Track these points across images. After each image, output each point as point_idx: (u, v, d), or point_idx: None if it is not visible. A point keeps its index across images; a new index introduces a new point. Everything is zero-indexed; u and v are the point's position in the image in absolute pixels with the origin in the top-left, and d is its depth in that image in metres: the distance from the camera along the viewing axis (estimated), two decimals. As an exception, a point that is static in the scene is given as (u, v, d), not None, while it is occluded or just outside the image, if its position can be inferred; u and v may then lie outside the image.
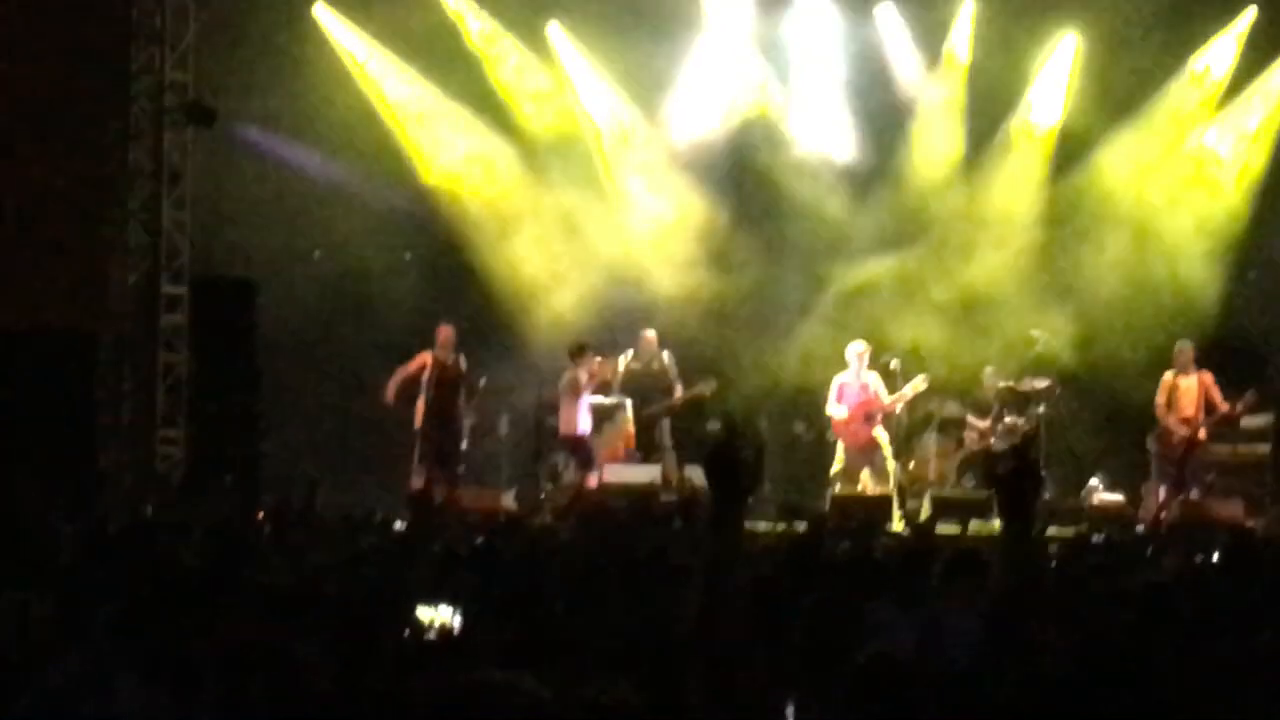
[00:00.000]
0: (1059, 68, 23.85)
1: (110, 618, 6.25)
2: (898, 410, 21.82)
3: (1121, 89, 23.71)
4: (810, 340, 22.94)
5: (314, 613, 7.72)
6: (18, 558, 8.43)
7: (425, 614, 7.68)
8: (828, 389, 21.77)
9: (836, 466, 21.44)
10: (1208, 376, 20.89)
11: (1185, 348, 21.00)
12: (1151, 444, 21.23)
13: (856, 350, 21.36)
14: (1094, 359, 22.49)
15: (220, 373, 21.02)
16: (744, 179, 24.20)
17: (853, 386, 21.32)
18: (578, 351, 21.11)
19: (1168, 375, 20.92)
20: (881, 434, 21.51)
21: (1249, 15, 23.43)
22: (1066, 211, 23.93)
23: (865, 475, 21.41)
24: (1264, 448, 22.01)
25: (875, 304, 22.89)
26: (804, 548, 11.87)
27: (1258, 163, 23.97)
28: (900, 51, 24.35)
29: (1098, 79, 23.61)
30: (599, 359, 21.42)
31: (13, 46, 19.75)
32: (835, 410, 21.38)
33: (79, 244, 20.39)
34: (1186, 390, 20.81)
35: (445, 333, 20.85)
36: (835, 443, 21.66)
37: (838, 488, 21.26)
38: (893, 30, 24.14)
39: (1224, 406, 20.94)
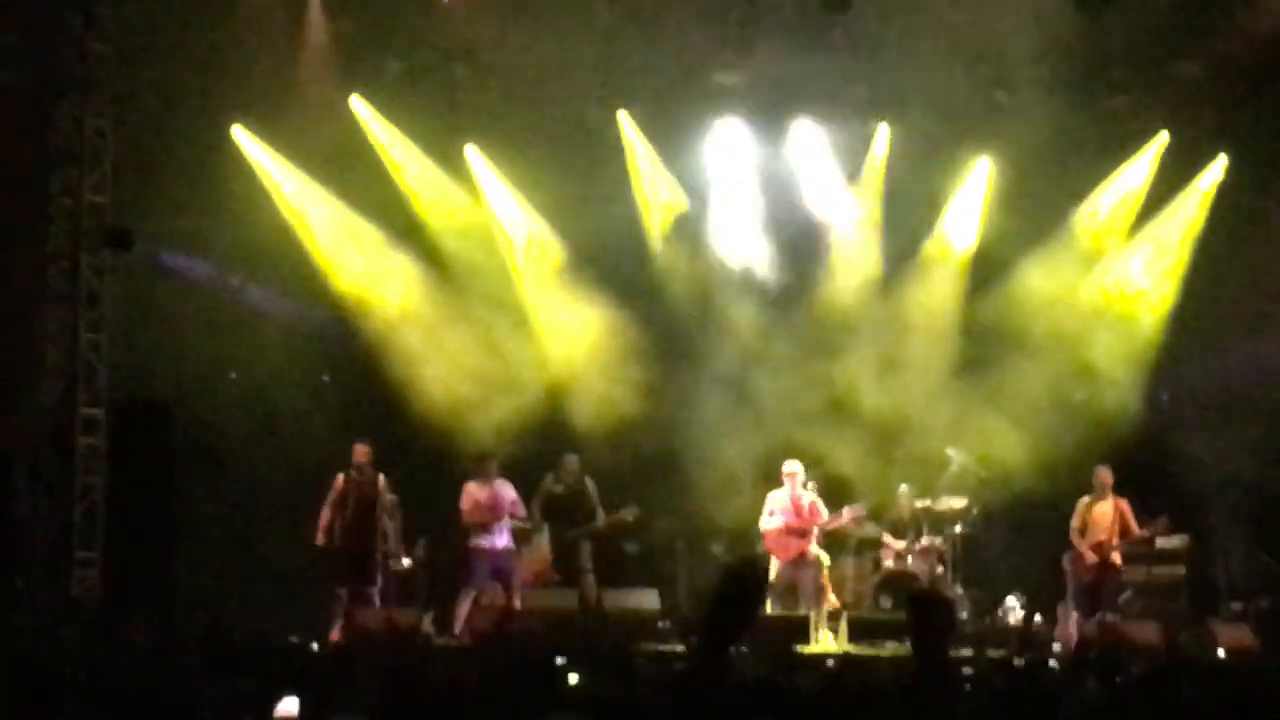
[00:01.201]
0: (974, 191, 24.32)
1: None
2: (828, 527, 21.64)
3: (1036, 214, 24.19)
4: (725, 461, 22.96)
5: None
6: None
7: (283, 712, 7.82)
8: (747, 509, 21.86)
9: (770, 579, 20.99)
10: (1124, 503, 20.95)
11: (1103, 472, 21.08)
12: (1066, 565, 21.14)
13: (790, 469, 21.36)
14: (1011, 479, 22.50)
15: (137, 496, 20.66)
16: (661, 297, 24.32)
17: (785, 503, 21.23)
18: (482, 464, 20.98)
19: (1084, 500, 21.00)
20: (821, 553, 21.40)
21: (1160, 140, 24.08)
22: (983, 333, 24.07)
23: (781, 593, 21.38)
24: (1179, 569, 22.23)
25: (793, 423, 22.80)
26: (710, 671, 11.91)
27: (1171, 286, 24.43)
28: (817, 170, 24.61)
29: (1012, 203, 24.00)
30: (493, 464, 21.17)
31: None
32: (766, 523, 21.25)
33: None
34: (1101, 515, 20.89)
35: (361, 451, 20.62)
36: (768, 557, 21.34)
37: (768, 603, 20.96)
38: (810, 148, 24.41)
39: (1138, 532, 21.10)
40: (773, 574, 21.12)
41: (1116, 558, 21.03)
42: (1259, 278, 24.00)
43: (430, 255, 24.12)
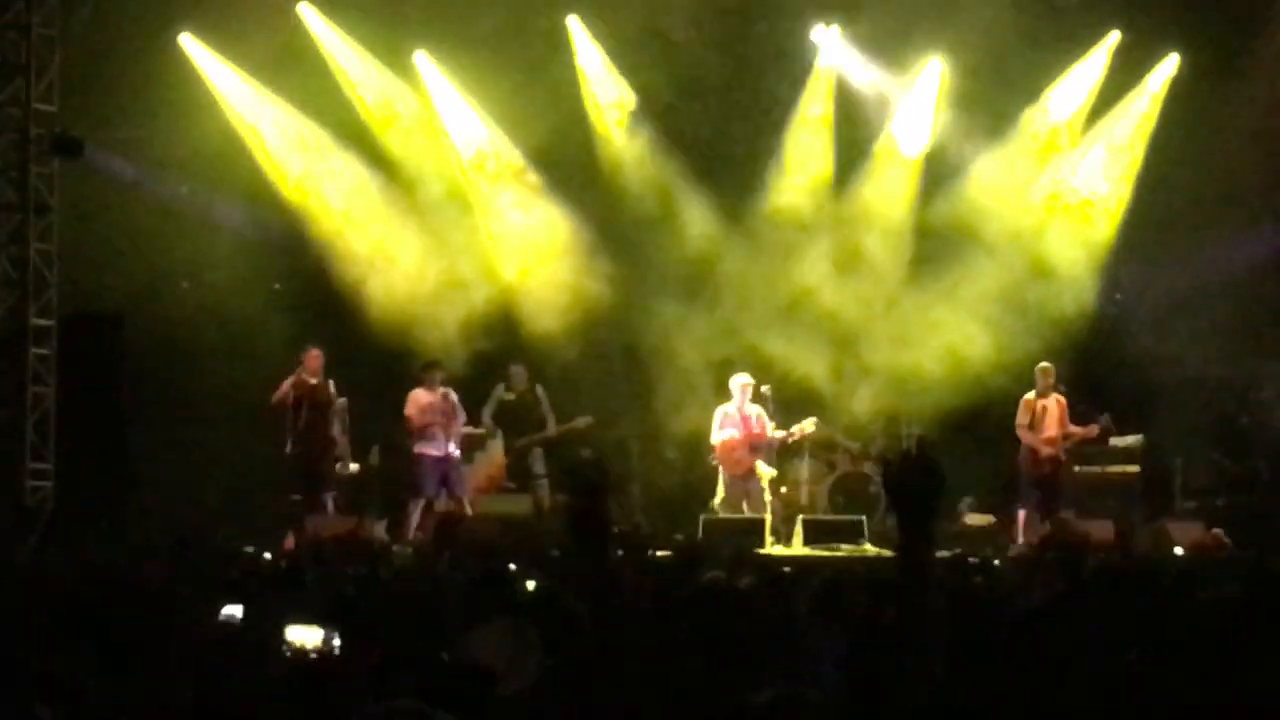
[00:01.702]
0: (926, 91, 24.25)
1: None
2: (777, 444, 21.95)
3: (989, 113, 24.28)
4: (682, 365, 23.11)
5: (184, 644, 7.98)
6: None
7: (297, 636, 7.70)
8: (702, 414, 22.13)
9: (719, 495, 21.63)
10: (1063, 399, 21.55)
11: (1047, 369, 21.52)
12: (1021, 465, 21.53)
13: (740, 382, 21.61)
14: (965, 381, 22.62)
15: (89, 406, 21.06)
16: (613, 198, 24.35)
17: (735, 417, 21.55)
18: (429, 371, 21.48)
19: (1029, 396, 21.44)
20: (763, 467, 21.63)
21: (1112, 38, 24.03)
22: (937, 232, 24.18)
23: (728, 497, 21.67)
24: (1133, 468, 22.63)
25: (748, 326, 23.14)
26: (673, 576, 11.94)
27: (1124, 185, 24.48)
28: (774, 65, 24.74)
29: (965, 103, 24.03)
30: (446, 383, 21.66)
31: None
32: (717, 437, 21.58)
33: None
34: (1048, 411, 21.36)
35: (313, 356, 20.90)
36: (717, 470, 21.80)
37: (715, 508, 21.54)
38: (765, 44, 24.52)
39: (1079, 430, 21.65)
40: (722, 489, 21.56)
41: (1063, 452, 21.50)
42: (1212, 176, 23.73)
43: (380, 160, 24.17)
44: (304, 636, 7.65)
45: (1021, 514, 21.32)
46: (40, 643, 7.51)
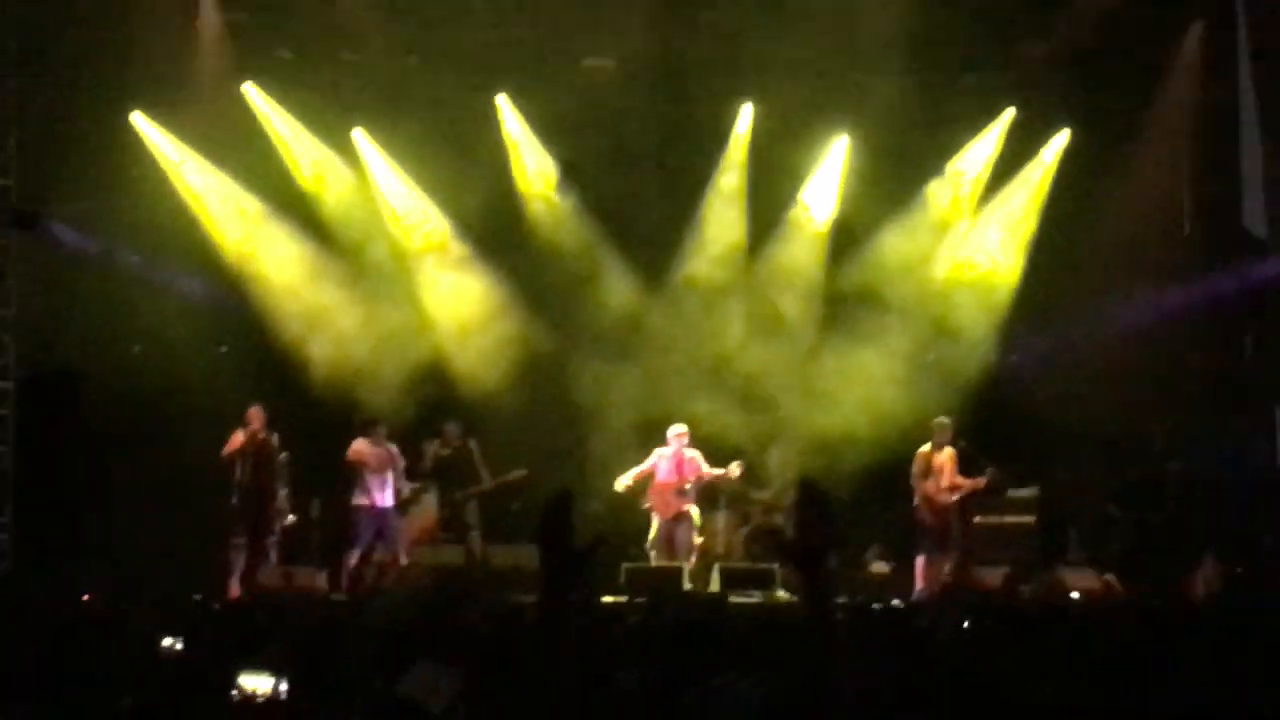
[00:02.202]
0: (835, 158, 24.77)
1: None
2: (709, 478, 22.44)
3: (893, 186, 24.91)
4: (610, 422, 23.64)
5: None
6: None
7: (249, 683, 7.86)
8: (628, 467, 22.48)
9: (651, 535, 22.19)
10: (954, 453, 22.19)
11: (943, 423, 22.21)
12: (918, 514, 22.13)
13: (676, 431, 22.19)
14: (874, 436, 23.05)
15: (46, 464, 21.25)
16: (539, 267, 24.96)
17: (669, 462, 22.11)
18: (367, 427, 22.04)
19: (925, 448, 22.09)
20: (693, 509, 22.21)
21: (1008, 115, 24.78)
22: (845, 301, 24.63)
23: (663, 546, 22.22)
24: (1030, 518, 23.24)
25: (668, 386, 23.75)
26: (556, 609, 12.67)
27: (1019, 253, 25.14)
28: (692, 138, 25.20)
29: (870, 176, 24.64)
30: (387, 437, 22.21)
31: None
32: (647, 471, 22.19)
33: None
34: (943, 462, 22.03)
35: (255, 413, 21.51)
36: (649, 514, 22.34)
37: (652, 556, 22.13)
38: (685, 119, 24.92)
39: (971, 481, 22.13)
40: (653, 530, 22.13)
41: (957, 500, 22.02)
42: (1104, 241, 24.81)
43: (320, 232, 24.68)
44: (254, 683, 7.82)
45: (920, 561, 21.99)
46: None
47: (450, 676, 6.62)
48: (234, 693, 7.74)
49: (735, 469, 22.78)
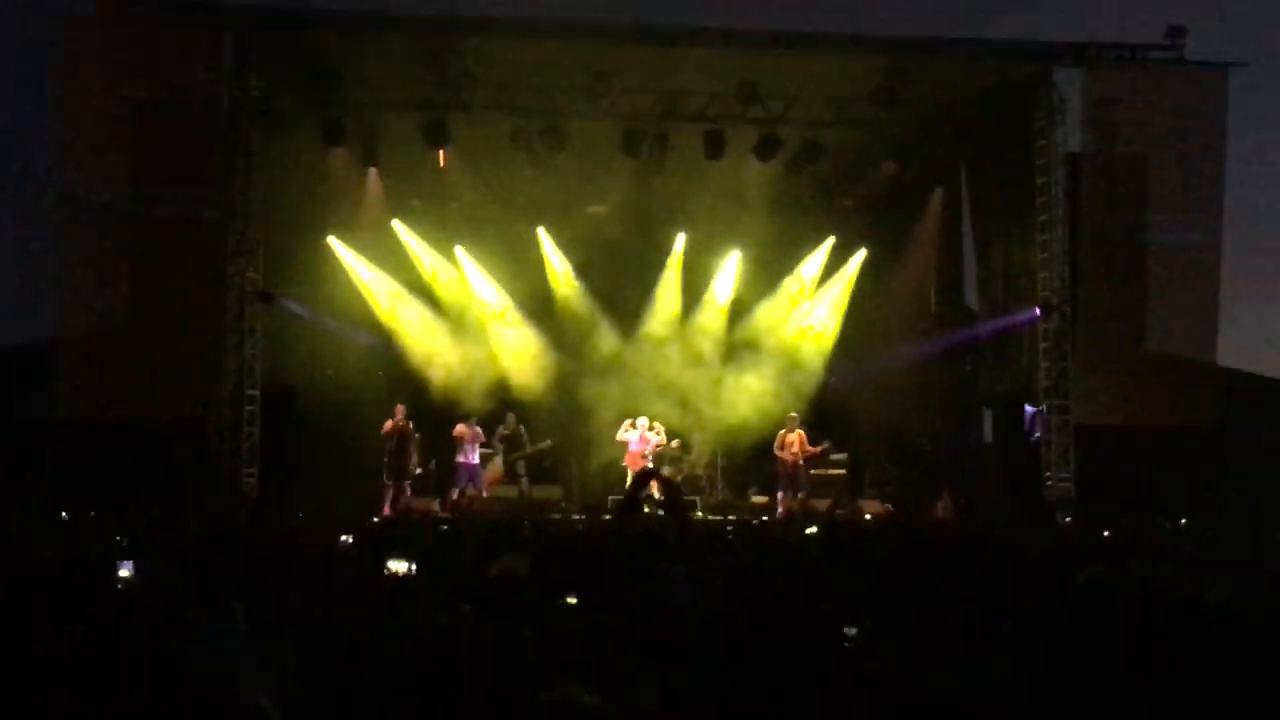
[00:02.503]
0: (730, 265, 26.07)
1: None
2: (658, 449, 23.70)
3: (765, 280, 26.34)
4: (600, 417, 24.68)
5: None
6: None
7: (394, 565, 8.19)
8: (609, 447, 24.05)
9: (628, 483, 22.57)
10: (802, 432, 23.50)
11: (793, 417, 23.79)
12: (779, 467, 23.47)
13: (643, 420, 23.58)
14: (755, 425, 24.65)
15: (276, 439, 21.79)
16: (561, 326, 25.87)
17: (633, 436, 23.48)
18: (465, 417, 23.29)
19: (782, 430, 23.51)
20: (649, 463, 23.03)
21: (830, 241, 26.25)
22: (737, 347, 26.09)
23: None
24: (842, 471, 24.95)
25: (635, 396, 24.78)
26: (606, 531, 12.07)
27: (835, 321, 26.68)
28: (650, 249, 26.07)
29: (753, 275, 26.23)
30: (476, 423, 23.33)
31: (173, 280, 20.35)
32: (622, 438, 23.67)
33: (199, 370, 20.71)
34: (792, 439, 23.43)
35: (399, 409, 22.53)
36: (626, 471, 23.39)
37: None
38: (646, 239, 25.93)
39: (811, 449, 23.56)
40: (628, 480, 22.83)
41: (801, 461, 23.33)
42: (889, 310, 26.50)
43: (435, 306, 25.61)
44: (396, 565, 8.24)
45: (779, 495, 23.35)
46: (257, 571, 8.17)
47: (520, 562, 7.12)
48: (384, 571, 8.15)
49: (675, 444, 24.28)
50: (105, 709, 2.92)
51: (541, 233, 25.53)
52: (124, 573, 7.38)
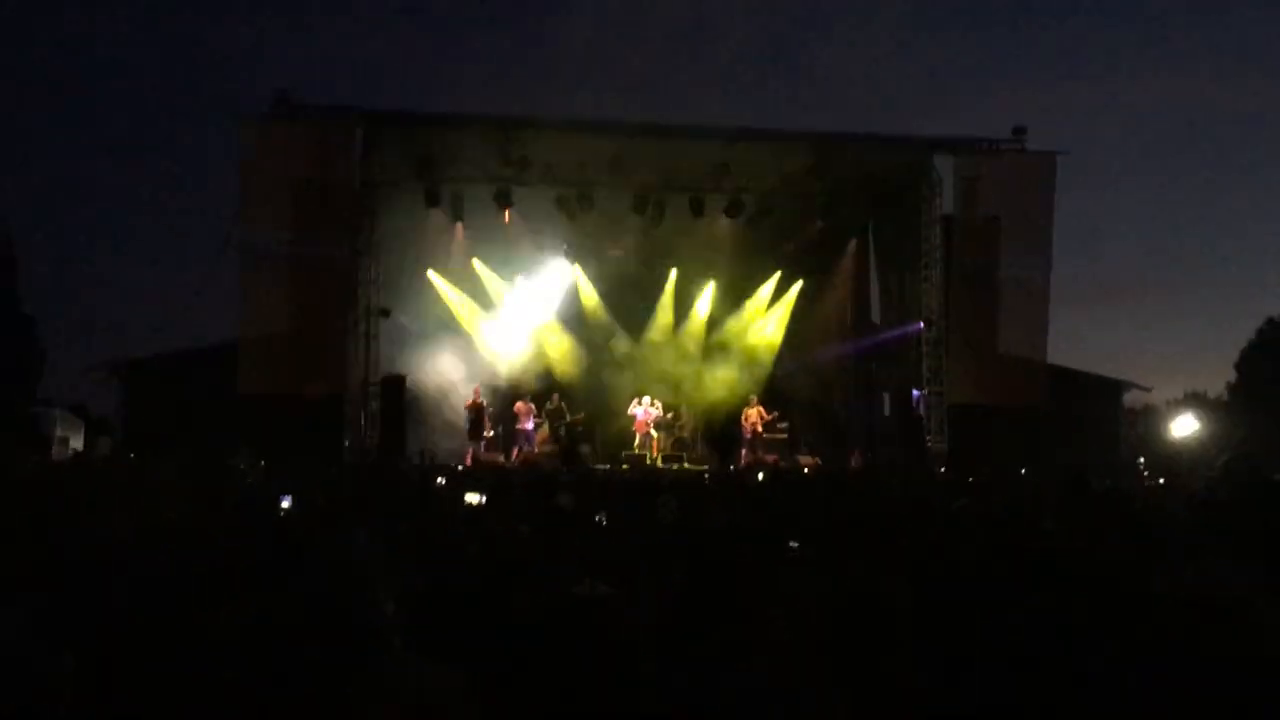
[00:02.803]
0: (708, 292, 25.65)
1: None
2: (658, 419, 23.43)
3: (733, 303, 25.89)
4: (617, 396, 24.25)
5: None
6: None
7: (470, 497, 8.18)
8: (623, 417, 23.70)
9: (636, 442, 23.18)
10: (761, 409, 23.61)
11: (752, 397, 23.89)
12: (743, 432, 23.41)
13: (647, 397, 23.45)
14: (726, 404, 24.51)
15: (391, 412, 21.33)
16: (588, 332, 25.28)
17: (640, 410, 23.27)
18: (522, 396, 23.25)
19: (744, 408, 23.69)
20: (653, 431, 23.29)
21: (777, 274, 25.67)
22: (714, 349, 25.66)
23: (639, 446, 22.94)
24: (784, 435, 24.35)
25: (642, 382, 24.43)
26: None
27: (780, 331, 26.10)
28: (651, 277, 25.33)
29: (724, 299, 25.82)
30: (530, 400, 23.25)
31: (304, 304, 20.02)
32: (633, 411, 23.40)
33: (338, 363, 20.38)
34: (751, 413, 23.51)
35: (476, 389, 22.70)
36: (634, 433, 23.33)
37: (636, 449, 22.93)
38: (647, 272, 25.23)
39: (765, 418, 23.56)
40: (637, 441, 23.15)
41: (760, 428, 23.45)
42: (815, 327, 26.17)
43: (498, 315, 24.78)
44: (472, 497, 8.22)
45: (742, 452, 23.09)
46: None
47: (569, 498, 7.09)
48: (464, 501, 8.12)
49: (669, 416, 23.96)
50: (268, 601, 2.87)
51: (576, 268, 25.13)
52: (285, 504, 7.32)
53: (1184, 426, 26.37)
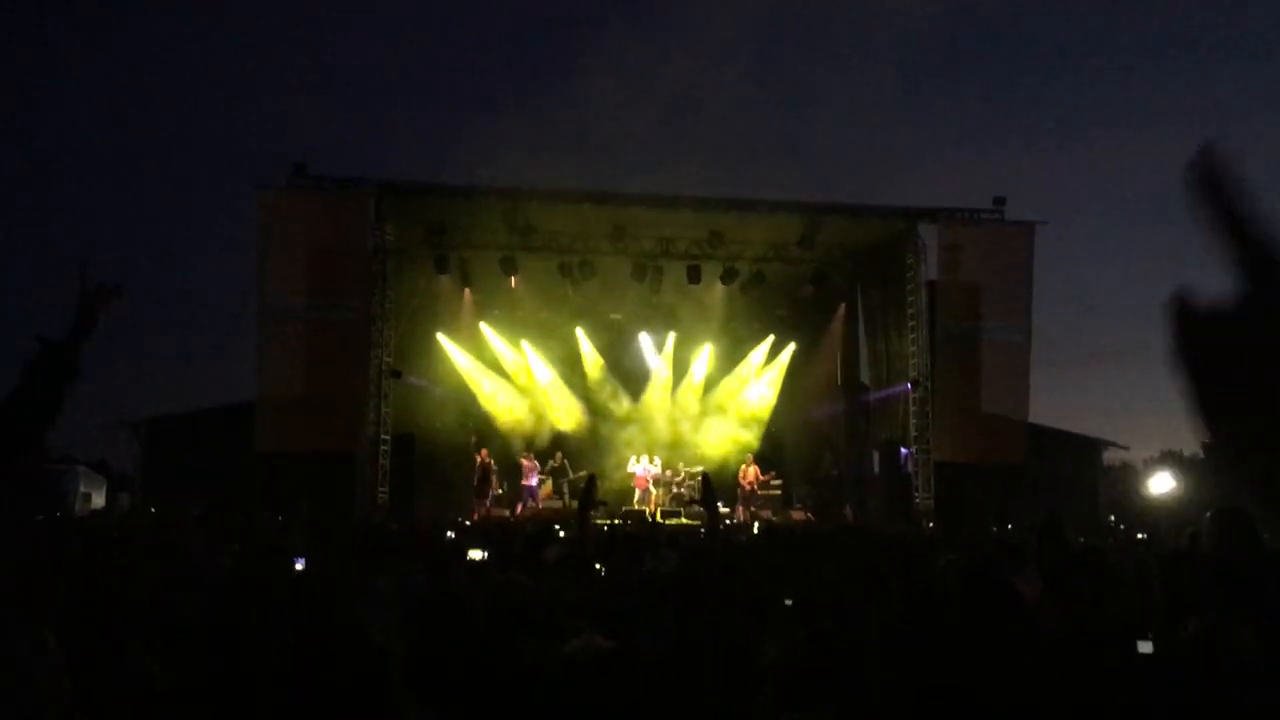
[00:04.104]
0: (704, 355, 25.70)
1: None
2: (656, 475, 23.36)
3: (726, 365, 26.00)
4: (617, 454, 24.44)
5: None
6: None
7: (473, 553, 8.16)
8: (623, 472, 23.59)
9: (636, 498, 23.09)
10: (757, 468, 23.54)
11: (749, 456, 23.82)
12: (741, 489, 23.22)
13: (645, 457, 23.48)
14: (723, 460, 24.26)
15: (401, 468, 21.21)
16: (591, 394, 25.52)
17: (640, 468, 23.29)
18: (526, 453, 23.35)
19: (742, 465, 23.54)
20: (652, 487, 23.21)
21: (769, 339, 25.90)
22: (709, 409, 25.78)
23: (639, 502, 22.85)
24: (778, 491, 24.39)
25: (640, 441, 24.60)
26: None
27: (774, 392, 26.25)
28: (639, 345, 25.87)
29: (719, 360, 25.88)
30: (534, 458, 23.23)
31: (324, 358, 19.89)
32: (632, 469, 23.38)
33: (350, 421, 20.17)
34: (748, 471, 23.39)
35: (484, 450, 22.75)
36: (634, 489, 23.33)
37: (636, 505, 22.69)
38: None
39: (760, 478, 23.49)
40: (636, 496, 23.02)
41: (755, 486, 23.32)
42: (805, 388, 26.26)
43: (509, 380, 25.22)
44: (475, 553, 8.23)
45: (739, 507, 22.85)
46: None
47: (560, 550, 6.75)
48: (467, 557, 8.08)
49: (667, 473, 23.77)
50: (284, 650, 2.88)
51: (579, 332, 25.26)
52: (299, 566, 7.23)
53: (1161, 484, 26.28)
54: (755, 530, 18.28)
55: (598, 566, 6.80)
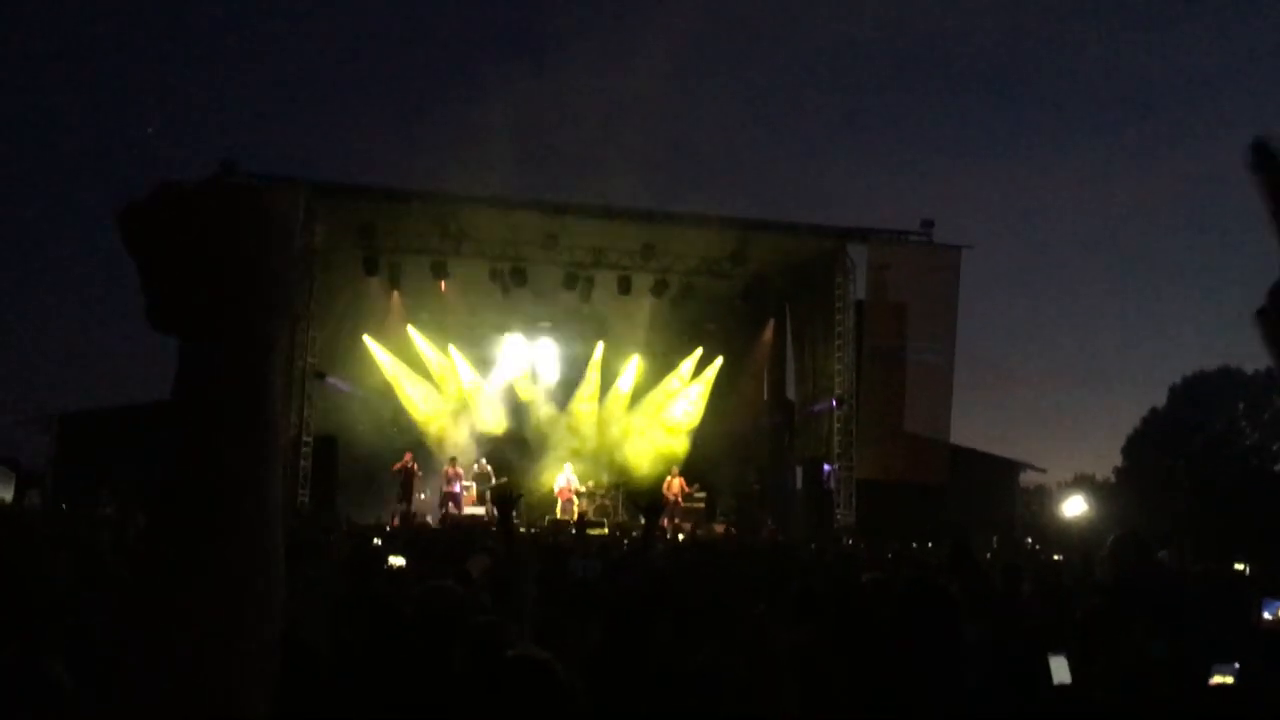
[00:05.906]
0: (632, 366, 25.47)
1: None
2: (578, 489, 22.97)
3: (654, 377, 25.86)
4: (540, 463, 24.20)
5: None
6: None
7: (393, 560, 8.09)
8: (547, 481, 23.32)
9: (558, 509, 22.61)
10: (682, 479, 23.15)
11: (675, 467, 23.49)
12: (665, 501, 21.79)
13: (568, 466, 23.21)
14: (649, 471, 24.24)
15: (324, 471, 21.32)
16: (521, 406, 25.28)
17: (563, 480, 22.94)
18: (450, 460, 22.67)
19: (667, 478, 23.12)
20: (574, 498, 22.72)
21: (697, 353, 25.79)
22: (634, 422, 25.60)
23: (561, 512, 22.26)
24: (702, 505, 23.60)
25: (564, 450, 24.27)
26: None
27: (700, 407, 26.05)
28: (577, 358, 25.54)
29: (647, 372, 25.73)
30: (458, 461, 22.71)
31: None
32: (558, 486, 22.98)
33: None
34: (674, 482, 22.94)
35: (408, 454, 22.30)
36: (556, 500, 22.92)
37: (558, 516, 22.20)
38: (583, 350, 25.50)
39: (688, 490, 23.12)
40: (557, 507, 22.52)
41: (680, 498, 22.78)
42: (732, 402, 26.22)
43: (435, 384, 24.90)
44: (395, 560, 8.14)
45: (664, 521, 21.41)
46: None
47: (482, 561, 6.71)
48: (386, 565, 7.82)
49: (590, 484, 23.53)
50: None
51: (508, 338, 25.25)
52: None
53: (1074, 507, 26.93)
54: (680, 539, 18.58)
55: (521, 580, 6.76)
